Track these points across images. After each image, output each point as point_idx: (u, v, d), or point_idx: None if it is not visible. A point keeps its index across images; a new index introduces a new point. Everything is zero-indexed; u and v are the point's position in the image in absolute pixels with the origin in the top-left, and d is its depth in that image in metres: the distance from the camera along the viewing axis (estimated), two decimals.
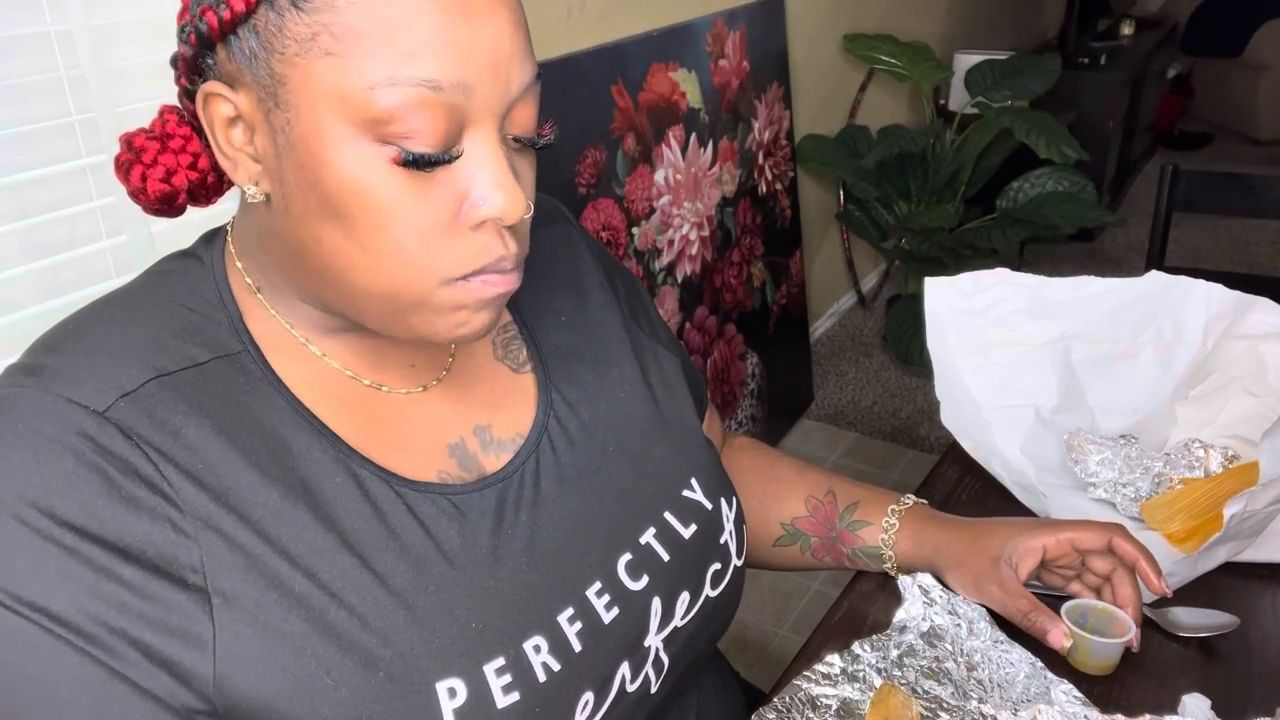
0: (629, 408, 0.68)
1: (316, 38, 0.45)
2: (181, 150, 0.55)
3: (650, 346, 0.73)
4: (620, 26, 1.86)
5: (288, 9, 0.46)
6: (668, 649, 0.63)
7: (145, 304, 0.54)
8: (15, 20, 1.03)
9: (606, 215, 1.84)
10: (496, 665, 0.53)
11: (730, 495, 0.70)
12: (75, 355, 0.50)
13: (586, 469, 0.63)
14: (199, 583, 0.48)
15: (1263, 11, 4.46)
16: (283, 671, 0.48)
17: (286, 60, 0.46)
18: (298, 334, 0.56)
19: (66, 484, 0.46)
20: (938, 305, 0.97)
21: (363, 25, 0.45)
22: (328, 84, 0.46)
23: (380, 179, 0.47)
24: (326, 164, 0.47)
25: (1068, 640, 0.71)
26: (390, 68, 0.45)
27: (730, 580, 0.69)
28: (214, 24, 0.47)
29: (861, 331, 3.07)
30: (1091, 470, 0.92)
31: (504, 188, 0.49)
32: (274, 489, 0.51)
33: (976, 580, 0.76)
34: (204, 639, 0.48)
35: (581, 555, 0.60)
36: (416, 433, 0.58)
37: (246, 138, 0.50)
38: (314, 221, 0.49)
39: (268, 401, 0.53)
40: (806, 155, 2.55)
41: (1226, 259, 3.51)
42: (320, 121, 0.47)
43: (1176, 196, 1.54)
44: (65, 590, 0.46)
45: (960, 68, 2.77)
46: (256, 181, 0.51)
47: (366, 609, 0.51)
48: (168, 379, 0.50)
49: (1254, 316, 0.94)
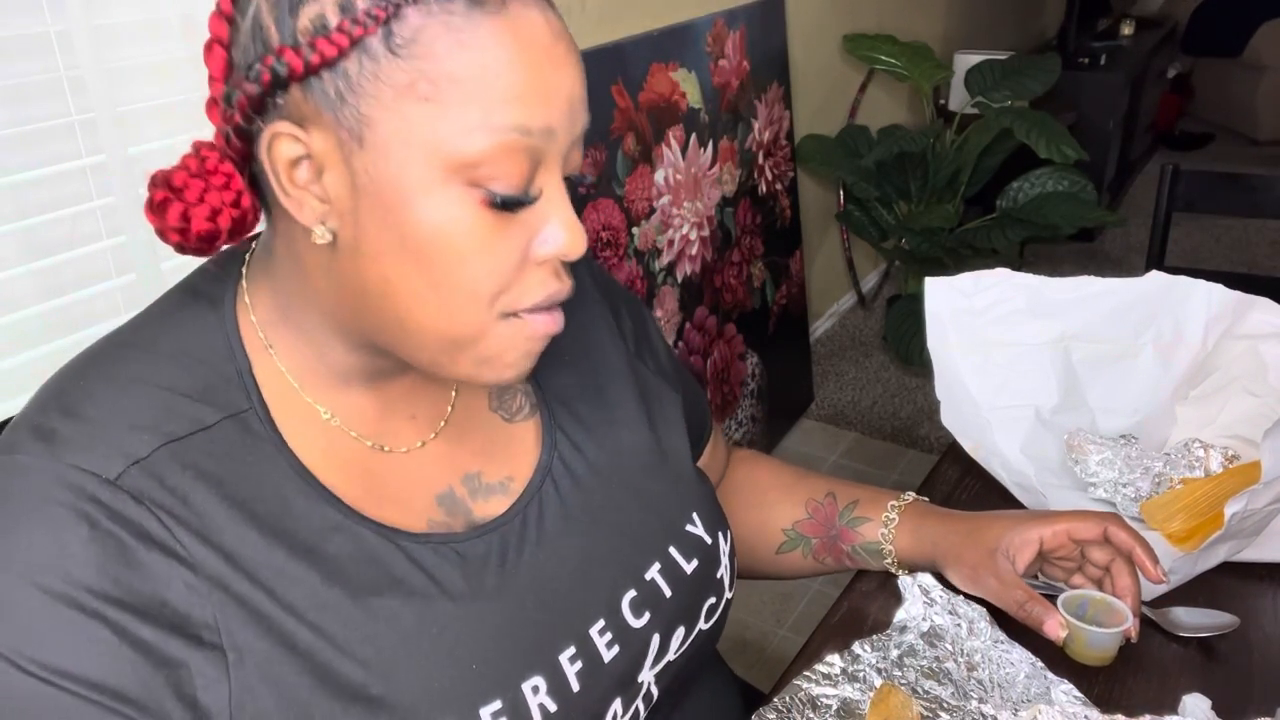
0: (633, 445, 0.68)
1: (414, 84, 0.47)
2: (224, 188, 0.54)
3: (654, 384, 0.73)
4: (620, 26, 1.86)
5: (384, 55, 0.46)
6: (658, 682, 0.65)
7: (155, 358, 0.54)
8: (15, 20, 1.03)
9: (606, 215, 1.84)
10: (493, 709, 0.54)
11: (726, 530, 0.71)
12: (87, 422, 0.50)
13: (592, 507, 0.64)
14: (214, 640, 0.49)
15: (1263, 11, 4.46)
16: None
17: (380, 104, 0.47)
18: (306, 394, 0.56)
19: (83, 550, 0.47)
20: (938, 305, 0.97)
21: (460, 73, 0.47)
22: (423, 128, 0.47)
23: (467, 221, 0.49)
24: (413, 205, 0.48)
25: (1063, 630, 0.71)
26: (484, 115, 0.47)
27: (721, 613, 0.70)
28: (297, 66, 0.47)
29: (861, 331, 3.07)
30: (1091, 470, 0.92)
31: (571, 228, 0.52)
32: (278, 549, 0.52)
33: (974, 572, 0.76)
34: (221, 694, 0.49)
35: (586, 593, 0.61)
36: (410, 486, 0.59)
37: (312, 176, 0.50)
38: (387, 261, 0.50)
39: (271, 463, 0.54)
40: (806, 155, 2.55)
41: (1226, 259, 3.51)
42: (409, 163, 0.48)
43: (1176, 196, 1.54)
44: (90, 654, 0.47)
45: (960, 68, 2.77)
46: (324, 220, 0.50)
47: (370, 657, 0.52)
48: (176, 445, 0.51)
49: (1254, 316, 0.94)
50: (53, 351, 1.11)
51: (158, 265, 1.18)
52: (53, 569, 0.47)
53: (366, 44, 0.46)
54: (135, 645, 0.47)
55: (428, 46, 0.46)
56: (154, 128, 1.16)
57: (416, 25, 0.46)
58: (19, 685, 0.46)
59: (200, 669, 0.49)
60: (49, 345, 1.11)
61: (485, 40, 0.47)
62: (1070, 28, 3.73)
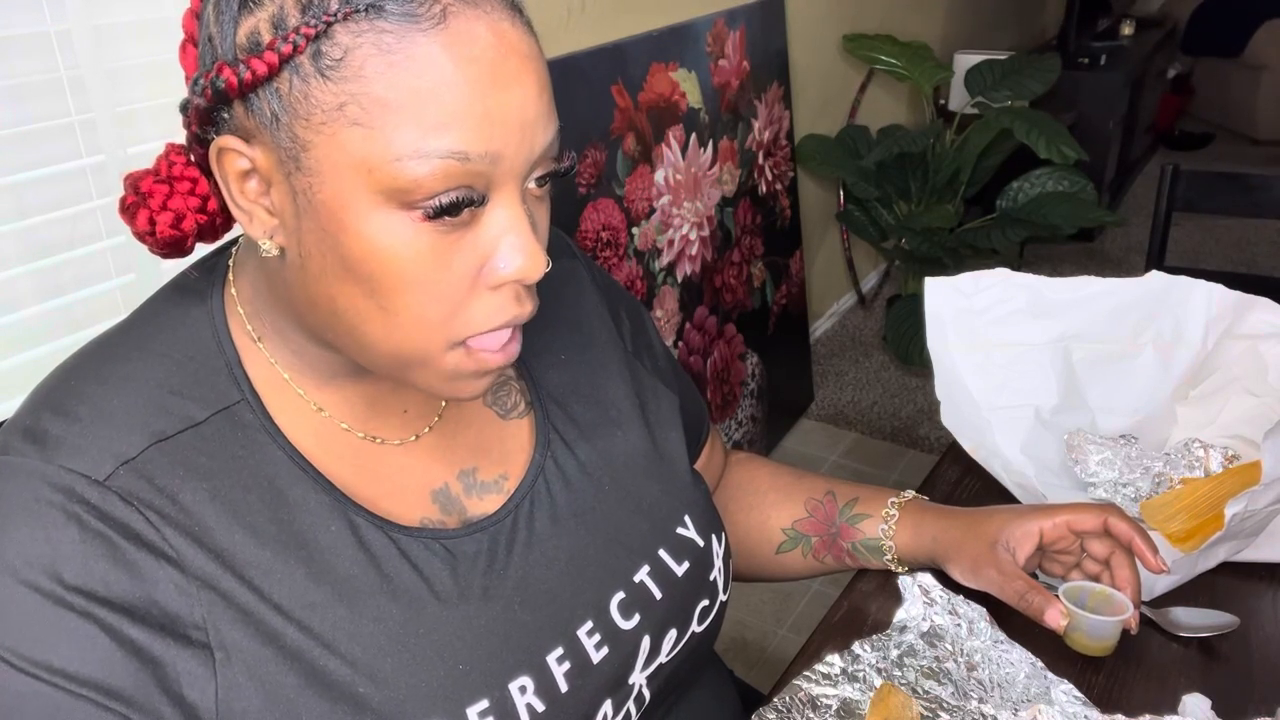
0: (626, 446, 0.68)
1: (344, 107, 0.45)
2: (190, 193, 0.54)
3: (650, 384, 0.73)
4: (620, 26, 1.86)
5: (314, 76, 0.45)
6: (650, 684, 0.64)
7: (145, 356, 0.54)
8: (15, 20, 1.03)
9: (606, 215, 1.84)
10: (480, 708, 0.54)
11: (720, 532, 0.71)
12: (77, 422, 0.51)
13: (582, 508, 0.64)
14: (202, 639, 0.49)
15: (1263, 11, 4.46)
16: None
17: (311, 127, 0.46)
18: (295, 386, 0.56)
19: (72, 550, 0.48)
20: (938, 305, 0.97)
21: (391, 97, 0.44)
22: (354, 153, 0.45)
23: (405, 244, 0.47)
24: (350, 229, 0.47)
25: (1064, 619, 0.71)
26: (418, 140, 0.45)
27: (715, 615, 0.70)
28: (233, 83, 0.46)
29: (861, 331, 3.07)
30: (1091, 470, 0.92)
31: (525, 251, 0.49)
32: (267, 549, 0.52)
33: (974, 565, 0.76)
34: (208, 693, 0.49)
35: (574, 594, 0.61)
36: (405, 480, 0.59)
37: (262, 189, 0.49)
38: (331, 280, 0.49)
39: (264, 452, 0.54)
40: (806, 155, 2.55)
41: (1226, 259, 3.51)
42: (344, 188, 0.46)
43: (1176, 196, 1.54)
44: (82, 652, 0.47)
45: (960, 68, 2.77)
46: (271, 235, 0.50)
47: (357, 656, 0.52)
48: (166, 444, 0.51)
49: (1254, 316, 0.94)
50: (52, 351, 1.11)
51: (157, 265, 1.18)
52: (43, 569, 0.47)
53: (298, 64, 0.45)
54: (125, 644, 0.48)
55: (358, 68, 0.44)
56: (154, 128, 1.16)
57: (346, 45, 0.44)
58: (11, 682, 0.46)
59: (188, 667, 0.49)
60: (49, 345, 1.11)
61: (419, 60, 0.44)
62: (1070, 28, 3.73)
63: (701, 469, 0.82)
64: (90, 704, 0.47)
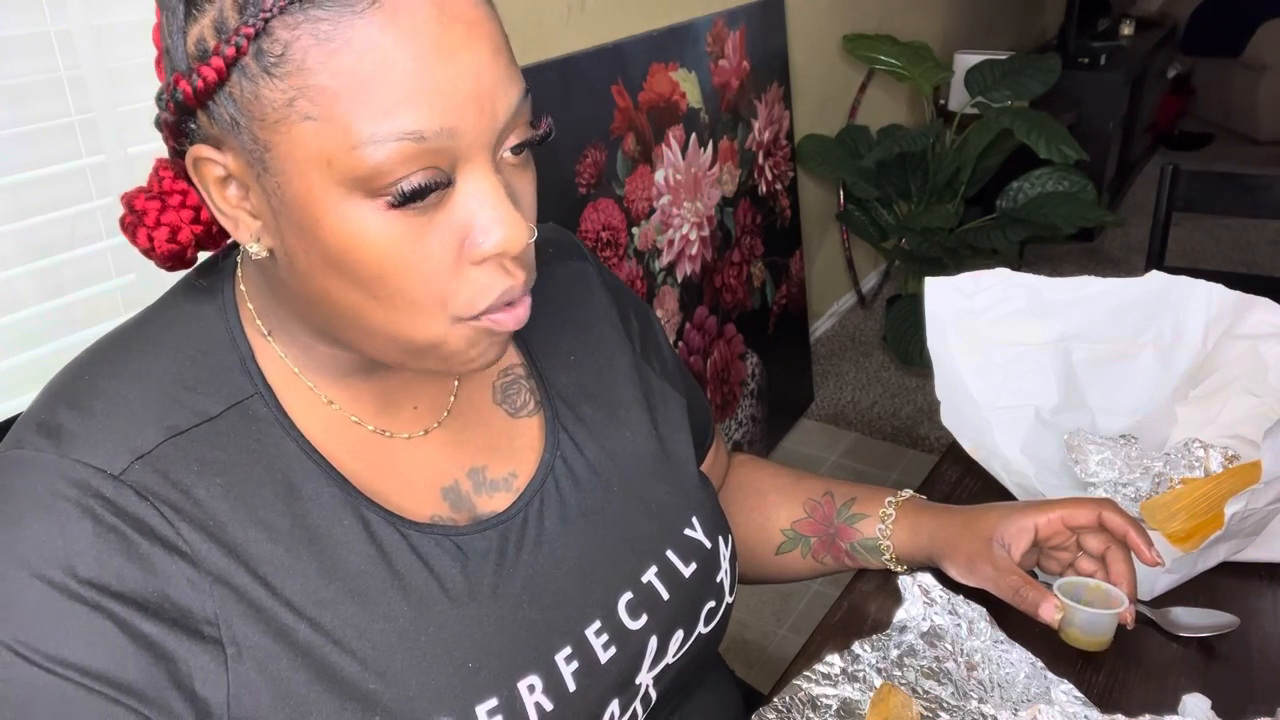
0: (634, 447, 0.68)
1: (294, 103, 0.44)
2: (181, 206, 0.54)
3: (659, 386, 0.73)
4: (620, 26, 1.86)
5: (260, 75, 0.44)
6: (657, 685, 0.64)
7: (160, 350, 0.54)
8: (15, 20, 1.03)
9: (606, 215, 1.84)
10: (489, 706, 0.54)
11: (727, 534, 0.71)
12: (92, 417, 0.51)
13: (591, 508, 0.64)
14: (214, 634, 0.49)
15: (1263, 11, 4.46)
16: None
17: (268, 126, 0.45)
18: (306, 379, 0.56)
19: (87, 545, 0.48)
20: (938, 305, 0.97)
21: (337, 85, 0.44)
22: (312, 147, 0.45)
23: (378, 230, 0.46)
24: (323, 224, 0.47)
25: (1059, 613, 0.71)
26: (371, 125, 0.44)
27: (721, 617, 0.70)
28: (189, 93, 0.46)
29: (861, 331, 3.07)
30: (1091, 470, 0.92)
31: (504, 221, 0.48)
32: (280, 544, 0.52)
33: (970, 561, 0.76)
34: (219, 688, 0.49)
35: (583, 594, 0.61)
36: (415, 476, 0.59)
37: (242, 194, 0.49)
38: (320, 276, 0.49)
39: (278, 446, 0.54)
40: (806, 155, 2.55)
41: (1226, 259, 3.51)
42: (310, 183, 0.46)
43: (1176, 196, 1.54)
44: (94, 646, 0.47)
45: (960, 68, 2.77)
46: (258, 238, 0.50)
47: (367, 653, 0.52)
48: (181, 438, 0.51)
49: (1254, 316, 0.94)
50: (53, 351, 1.11)
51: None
52: (57, 563, 0.47)
53: (244, 65, 0.44)
54: (137, 638, 0.48)
55: (299, 61, 0.44)
56: (154, 128, 1.16)
57: (285, 40, 0.43)
58: (24, 675, 0.46)
59: (200, 663, 0.49)
60: (49, 345, 1.11)
61: (358, 44, 0.43)
62: (1070, 28, 3.73)
63: (706, 471, 0.82)
64: (102, 698, 0.47)
